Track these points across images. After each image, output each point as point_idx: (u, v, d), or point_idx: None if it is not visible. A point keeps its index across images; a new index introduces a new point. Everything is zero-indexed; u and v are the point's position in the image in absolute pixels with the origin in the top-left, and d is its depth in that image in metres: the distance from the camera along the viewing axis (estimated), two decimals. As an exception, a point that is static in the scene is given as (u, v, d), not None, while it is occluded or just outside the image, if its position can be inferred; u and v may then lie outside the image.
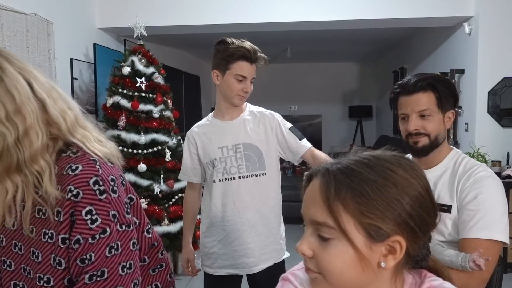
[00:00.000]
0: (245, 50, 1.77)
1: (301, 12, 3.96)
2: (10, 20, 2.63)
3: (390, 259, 0.67)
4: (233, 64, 1.77)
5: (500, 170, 3.67)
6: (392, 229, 0.65)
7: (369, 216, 0.64)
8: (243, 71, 1.77)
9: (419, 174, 0.70)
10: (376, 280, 0.68)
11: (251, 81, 1.82)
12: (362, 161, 0.69)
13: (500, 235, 1.24)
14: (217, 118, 1.91)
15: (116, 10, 4.00)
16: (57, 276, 0.92)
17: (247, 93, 1.82)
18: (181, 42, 6.16)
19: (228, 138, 1.85)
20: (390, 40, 6.43)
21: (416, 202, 0.67)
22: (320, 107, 8.65)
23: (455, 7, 3.86)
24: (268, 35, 4.66)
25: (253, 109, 1.93)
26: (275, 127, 1.88)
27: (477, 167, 1.34)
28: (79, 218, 0.90)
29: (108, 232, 0.91)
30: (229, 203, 1.83)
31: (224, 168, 1.83)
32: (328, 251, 0.67)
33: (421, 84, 1.34)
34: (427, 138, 1.36)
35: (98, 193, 0.91)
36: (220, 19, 3.99)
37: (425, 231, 0.69)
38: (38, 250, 0.93)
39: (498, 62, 3.82)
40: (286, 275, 0.78)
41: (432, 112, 1.34)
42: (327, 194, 0.67)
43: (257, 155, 1.84)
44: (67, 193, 0.89)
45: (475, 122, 3.91)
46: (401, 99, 1.39)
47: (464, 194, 1.31)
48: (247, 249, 1.84)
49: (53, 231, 0.91)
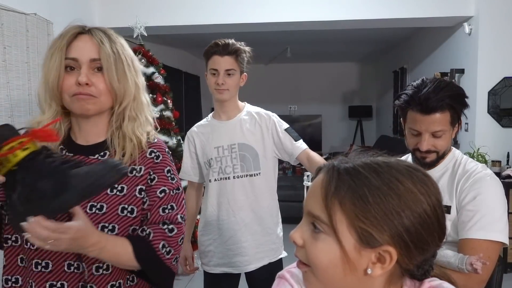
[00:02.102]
0: (214, 45, 1.82)
1: (301, 12, 3.95)
2: (10, 20, 2.63)
3: (378, 267, 0.65)
4: (208, 61, 1.84)
5: (500, 170, 3.67)
6: (384, 239, 0.64)
7: (363, 221, 0.64)
8: (214, 65, 1.81)
9: (430, 191, 0.67)
10: (360, 285, 0.67)
11: (228, 74, 1.81)
12: (372, 165, 0.67)
13: (499, 235, 1.24)
14: (215, 118, 1.93)
15: (116, 10, 4.00)
16: (123, 224, 1.05)
17: (220, 85, 1.80)
18: (181, 42, 6.15)
19: (224, 138, 1.86)
20: (390, 40, 6.43)
21: (417, 218, 0.64)
22: (320, 107, 8.64)
23: (455, 7, 3.86)
24: (268, 35, 4.66)
25: (250, 110, 1.93)
26: (271, 127, 1.88)
27: (476, 168, 1.33)
28: (161, 174, 1.09)
29: (180, 189, 1.13)
30: (224, 203, 1.85)
31: (220, 168, 1.85)
32: (316, 245, 0.67)
33: (442, 104, 1.28)
34: (436, 155, 1.35)
35: (171, 159, 1.14)
36: (220, 19, 3.98)
37: (422, 249, 0.66)
38: (104, 203, 1.04)
39: (498, 62, 3.82)
40: (282, 273, 0.78)
41: (445, 131, 1.32)
42: (326, 189, 0.66)
43: (252, 155, 1.85)
44: (147, 153, 1.09)
45: (475, 122, 3.91)
46: (414, 114, 1.32)
47: (464, 194, 1.30)
48: (241, 247, 1.85)
49: (125, 185, 1.05)
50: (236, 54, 1.81)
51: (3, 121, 2.54)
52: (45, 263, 1.02)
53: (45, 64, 1.03)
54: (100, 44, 1.03)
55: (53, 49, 1.03)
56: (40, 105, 1.07)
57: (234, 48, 1.80)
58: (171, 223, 1.07)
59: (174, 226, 1.07)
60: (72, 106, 1.04)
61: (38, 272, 1.02)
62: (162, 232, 1.05)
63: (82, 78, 1.01)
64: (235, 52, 1.81)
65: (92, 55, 1.03)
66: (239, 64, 1.83)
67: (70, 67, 1.03)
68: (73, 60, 1.02)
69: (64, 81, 1.02)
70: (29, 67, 2.81)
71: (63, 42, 1.02)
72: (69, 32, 1.04)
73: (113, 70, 1.04)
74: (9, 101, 2.60)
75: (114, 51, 1.04)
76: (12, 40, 2.65)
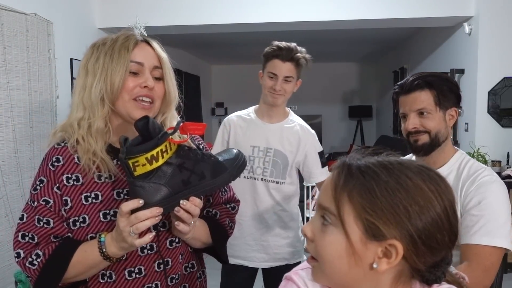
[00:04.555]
0: (277, 48, 1.80)
1: (301, 12, 3.95)
2: (10, 20, 2.63)
3: (384, 262, 0.65)
4: (268, 63, 1.82)
5: (500, 170, 3.67)
6: (391, 232, 0.64)
7: (370, 213, 0.64)
8: (274, 69, 1.80)
9: (441, 190, 0.66)
10: (365, 280, 0.67)
11: (286, 80, 1.81)
12: (383, 162, 0.68)
13: (503, 241, 1.22)
14: (258, 117, 1.93)
15: (116, 10, 4.00)
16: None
17: (277, 91, 1.81)
18: (181, 42, 6.15)
19: (262, 139, 1.88)
20: (390, 40, 6.43)
21: (426, 215, 0.64)
22: (320, 107, 8.65)
23: (455, 7, 3.86)
24: (268, 35, 4.66)
25: (295, 120, 1.95)
26: (309, 144, 1.91)
27: (481, 171, 1.31)
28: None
29: None
30: (249, 200, 1.88)
31: (251, 167, 1.87)
32: (325, 237, 0.68)
33: (418, 82, 1.34)
34: (427, 136, 1.34)
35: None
36: (220, 19, 3.98)
37: (430, 247, 0.65)
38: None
39: (498, 62, 3.82)
40: (289, 275, 0.79)
41: (430, 110, 1.33)
42: (336, 182, 0.68)
43: (283, 163, 1.87)
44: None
45: (475, 122, 3.91)
46: (400, 99, 1.39)
47: (468, 199, 1.28)
48: (259, 245, 1.90)
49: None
50: (297, 61, 1.81)
51: (3, 121, 2.54)
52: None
53: (104, 64, 1.04)
54: (161, 54, 1.11)
55: (111, 51, 1.05)
56: (85, 104, 1.05)
57: (296, 57, 1.80)
58: (232, 202, 1.26)
59: (234, 204, 1.27)
60: (129, 108, 1.06)
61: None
62: (227, 210, 1.23)
63: (151, 82, 1.06)
64: (297, 60, 1.80)
65: (154, 62, 1.09)
66: (298, 71, 1.84)
67: (132, 71, 1.06)
68: (139, 64, 1.06)
69: (127, 83, 1.05)
70: (29, 67, 2.81)
71: (129, 44, 1.05)
72: (130, 38, 1.07)
73: (171, 79, 1.12)
74: (9, 101, 2.60)
75: (168, 60, 1.13)
76: (12, 40, 2.65)
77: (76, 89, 1.08)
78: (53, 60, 3.09)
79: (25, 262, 1.01)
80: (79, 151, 1.05)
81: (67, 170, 1.05)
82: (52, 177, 1.04)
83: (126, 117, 1.08)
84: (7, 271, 2.53)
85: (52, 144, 1.09)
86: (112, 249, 0.97)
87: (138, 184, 0.92)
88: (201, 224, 1.13)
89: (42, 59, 2.96)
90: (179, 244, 1.12)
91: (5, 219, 2.54)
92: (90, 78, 1.05)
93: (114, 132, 1.11)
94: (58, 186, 1.04)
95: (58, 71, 3.16)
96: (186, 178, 0.97)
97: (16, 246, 1.02)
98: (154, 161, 0.92)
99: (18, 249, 1.02)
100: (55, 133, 1.09)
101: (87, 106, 1.05)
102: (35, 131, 2.81)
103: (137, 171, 0.92)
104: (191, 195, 0.97)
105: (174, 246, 1.11)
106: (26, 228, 1.02)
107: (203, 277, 1.26)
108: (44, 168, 1.06)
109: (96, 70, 1.04)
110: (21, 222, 1.04)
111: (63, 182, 1.04)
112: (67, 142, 1.07)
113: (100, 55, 1.05)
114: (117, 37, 1.08)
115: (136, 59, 1.05)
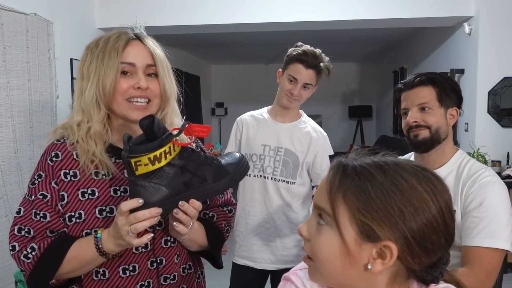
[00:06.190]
0: (302, 53, 1.77)
1: (301, 12, 3.95)
2: (10, 20, 2.63)
3: (378, 263, 0.65)
4: (290, 65, 1.81)
5: (500, 170, 3.67)
6: (385, 234, 0.64)
7: (364, 215, 0.64)
8: (295, 73, 1.79)
9: (437, 191, 0.66)
10: (360, 281, 0.67)
11: (305, 86, 1.80)
12: (379, 163, 0.68)
13: (504, 243, 1.22)
14: (270, 116, 1.94)
15: (116, 10, 4.00)
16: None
17: (294, 96, 1.80)
18: (181, 42, 6.15)
19: (273, 138, 1.88)
20: (390, 40, 6.43)
21: (421, 216, 0.64)
22: (320, 107, 8.64)
23: (455, 7, 3.86)
24: (268, 35, 4.66)
25: (308, 121, 1.96)
26: (320, 146, 1.91)
27: (482, 172, 1.30)
28: None
29: None
30: (258, 199, 1.88)
31: (262, 166, 1.87)
32: (320, 237, 0.68)
33: (421, 78, 1.36)
34: (428, 131, 1.34)
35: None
36: (220, 19, 3.99)
37: (426, 248, 0.65)
38: None
39: (498, 62, 3.82)
40: (288, 275, 0.79)
41: (432, 106, 1.34)
42: (331, 182, 0.68)
43: (294, 164, 1.87)
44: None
45: (475, 122, 3.91)
46: (403, 94, 1.41)
47: (469, 200, 1.27)
48: (266, 245, 1.89)
49: None
50: (320, 70, 1.80)
51: (3, 121, 2.54)
52: None
53: (96, 68, 1.04)
54: (154, 51, 1.08)
55: (102, 53, 1.04)
56: (83, 107, 1.06)
57: (320, 66, 1.79)
58: (229, 205, 1.25)
59: (231, 207, 1.26)
60: (125, 110, 1.06)
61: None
62: (224, 213, 1.22)
63: (143, 83, 1.04)
64: (320, 69, 1.80)
65: (147, 60, 1.07)
66: (318, 79, 1.84)
67: (125, 72, 1.05)
68: (130, 64, 1.05)
69: (119, 85, 1.04)
70: (29, 67, 2.81)
71: (119, 45, 1.04)
72: (121, 38, 1.05)
73: (166, 76, 1.10)
74: (9, 101, 2.60)
75: (163, 56, 1.10)
76: (12, 40, 2.65)
77: (75, 92, 1.09)
78: (53, 60, 3.09)
79: (19, 255, 1.01)
80: (79, 150, 1.05)
81: (65, 165, 1.05)
82: (50, 172, 1.05)
83: (124, 118, 1.08)
84: (7, 271, 2.53)
85: (51, 141, 1.10)
86: (108, 246, 0.97)
87: (139, 183, 0.92)
88: (198, 227, 1.12)
89: (42, 59, 2.96)
90: (174, 244, 1.11)
91: (5, 219, 2.54)
92: (85, 82, 1.05)
93: (115, 131, 1.11)
94: (55, 181, 1.04)
95: (58, 71, 3.16)
96: (188, 180, 0.96)
97: (12, 239, 1.02)
98: (157, 161, 0.91)
99: (13, 242, 1.02)
100: (56, 130, 1.10)
101: (84, 110, 1.06)
102: (35, 131, 2.81)
103: (138, 171, 0.91)
104: (192, 197, 0.97)
105: (169, 245, 1.11)
106: (22, 222, 1.03)
107: (201, 277, 1.26)
108: (42, 163, 1.06)
109: (90, 74, 1.04)
110: (18, 215, 1.04)
111: (60, 177, 1.04)
112: (67, 139, 1.07)
113: (93, 58, 1.05)
114: (108, 37, 1.06)
115: (128, 60, 1.04)
